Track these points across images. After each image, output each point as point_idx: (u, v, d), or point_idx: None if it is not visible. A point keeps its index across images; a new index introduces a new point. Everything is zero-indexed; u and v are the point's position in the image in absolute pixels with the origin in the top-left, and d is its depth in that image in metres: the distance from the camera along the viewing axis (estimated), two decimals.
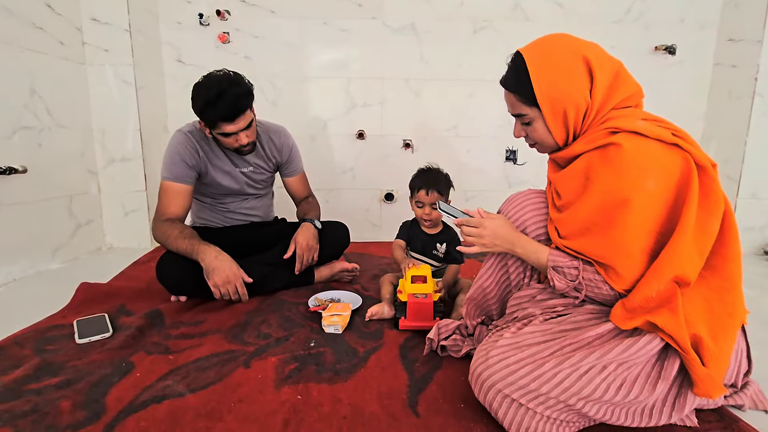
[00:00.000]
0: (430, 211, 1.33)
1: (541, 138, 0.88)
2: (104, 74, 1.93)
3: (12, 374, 0.93)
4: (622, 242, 0.75)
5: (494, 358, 0.79)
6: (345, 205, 2.34)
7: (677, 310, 0.71)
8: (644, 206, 0.73)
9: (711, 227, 0.74)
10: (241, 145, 1.35)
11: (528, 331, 0.84)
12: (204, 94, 1.25)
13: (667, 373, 0.73)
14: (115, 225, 2.06)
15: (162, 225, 1.32)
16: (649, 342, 0.73)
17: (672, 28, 2.21)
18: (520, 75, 0.84)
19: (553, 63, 0.81)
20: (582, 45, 0.82)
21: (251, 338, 1.13)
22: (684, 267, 0.72)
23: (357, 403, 0.85)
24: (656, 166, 0.73)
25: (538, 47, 0.84)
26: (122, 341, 1.07)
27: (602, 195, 0.76)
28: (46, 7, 1.70)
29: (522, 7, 2.19)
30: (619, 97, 0.81)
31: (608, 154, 0.76)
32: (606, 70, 0.80)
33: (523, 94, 0.84)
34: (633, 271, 0.75)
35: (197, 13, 2.12)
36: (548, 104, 0.82)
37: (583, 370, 0.73)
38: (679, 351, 0.71)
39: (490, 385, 0.76)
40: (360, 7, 2.17)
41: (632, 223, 0.73)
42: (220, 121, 1.28)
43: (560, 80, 0.80)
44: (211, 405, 0.84)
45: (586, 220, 0.79)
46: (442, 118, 2.30)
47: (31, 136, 1.64)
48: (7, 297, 1.43)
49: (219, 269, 1.23)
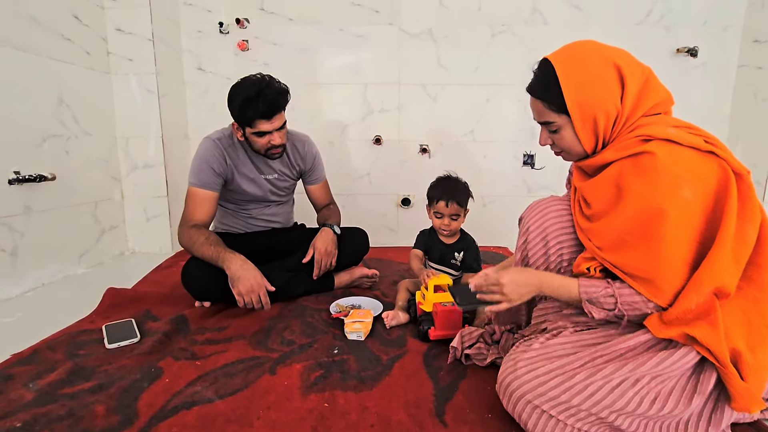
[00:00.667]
0: (449, 222, 1.33)
1: (569, 146, 0.86)
2: (128, 83, 1.98)
3: (47, 378, 0.95)
4: (663, 254, 0.72)
5: (523, 368, 0.78)
6: (362, 210, 2.35)
7: (717, 324, 0.69)
8: (681, 216, 0.71)
9: (748, 236, 0.72)
10: (274, 145, 1.37)
11: (557, 342, 0.82)
12: (244, 92, 1.29)
13: (704, 387, 0.71)
14: (137, 230, 2.11)
15: (188, 231, 1.35)
16: (685, 355, 0.71)
17: (694, 30, 2.17)
18: (548, 81, 0.82)
19: (583, 69, 0.80)
20: (612, 51, 0.81)
21: (275, 344, 1.14)
22: (724, 278, 0.70)
23: (384, 412, 0.85)
24: (690, 174, 0.71)
25: (567, 53, 0.83)
26: (150, 346, 1.09)
27: (637, 205, 0.74)
28: (74, 18, 1.75)
29: (540, 11, 2.17)
30: (649, 103, 0.80)
31: (641, 163, 0.75)
32: (636, 76, 0.79)
33: (551, 101, 0.83)
34: (674, 283, 0.73)
35: (217, 22, 2.16)
36: (578, 111, 0.80)
37: (615, 382, 0.72)
38: (717, 365, 0.70)
39: (520, 396, 0.76)
40: (377, 13, 2.18)
41: (671, 235, 0.71)
42: (258, 119, 1.31)
43: (591, 86, 0.79)
44: (239, 411, 0.85)
45: (622, 231, 0.77)
46: (459, 123, 2.29)
47: (59, 144, 1.68)
48: (37, 301, 1.47)
49: (244, 278, 1.24)
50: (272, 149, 1.40)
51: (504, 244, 2.27)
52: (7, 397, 0.89)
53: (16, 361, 1.03)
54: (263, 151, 1.41)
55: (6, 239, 1.46)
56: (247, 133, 1.36)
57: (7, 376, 0.97)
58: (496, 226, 2.26)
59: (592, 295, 0.79)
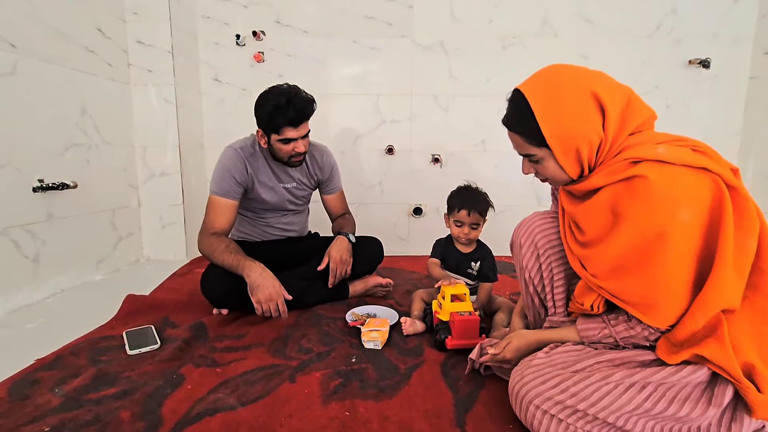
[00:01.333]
0: (469, 231, 1.34)
1: (553, 175, 0.84)
2: (147, 93, 2.02)
3: (72, 383, 0.97)
4: (664, 280, 0.72)
5: (530, 375, 0.80)
6: (374, 219, 2.37)
7: (724, 340, 0.69)
8: (681, 239, 0.70)
9: (749, 247, 0.71)
10: (298, 152, 1.41)
11: (562, 350, 0.84)
12: (274, 100, 1.33)
13: (719, 400, 0.70)
14: (153, 238, 2.14)
15: (209, 238, 1.37)
16: (694, 372, 0.71)
17: (705, 42, 2.19)
18: (523, 115, 0.80)
19: (559, 101, 0.76)
20: (588, 77, 0.78)
21: (293, 353, 1.15)
22: (729, 298, 0.70)
23: (405, 421, 0.86)
24: (687, 195, 0.70)
25: (540, 84, 0.79)
26: (171, 353, 1.11)
27: (635, 231, 0.73)
28: (97, 31, 1.81)
29: (551, 23, 2.20)
30: (633, 124, 0.78)
31: (635, 187, 0.72)
32: (617, 100, 0.76)
33: (529, 134, 0.80)
34: (676, 307, 0.73)
35: (234, 35, 2.21)
36: (559, 144, 0.78)
37: (621, 389, 0.72)
38: (731, 380, 0.69)
39: (529, 401, 0.77)
40: (390, 26, 2.22)
41: (671, 259, 0.70)
42: (286, 126, 1.35)
43: (570, 119, 0.76)
44: (262, 419, 0.86)
45: (619, 257, 0.75)
46: (470, 134, 2.32)
47: (80, 153, 1.72)
48: (57, 307, 1.49)
49: (263, 286, 1.26)
50: (295, 156, 1.43)
51: None
52: (34, 401, 0.90)
53: (41, 367, 1.05)
54: (286, 158, 1.44)
55: (29, 246, 1.49)
56: (272, 140, 1.39)
57: (33, 381, 0.99)
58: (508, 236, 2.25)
59: (591, 338, 0.83)
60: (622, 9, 2.18)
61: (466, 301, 1.21)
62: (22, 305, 1.47)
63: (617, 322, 0.80)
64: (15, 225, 1.44)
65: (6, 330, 1.29)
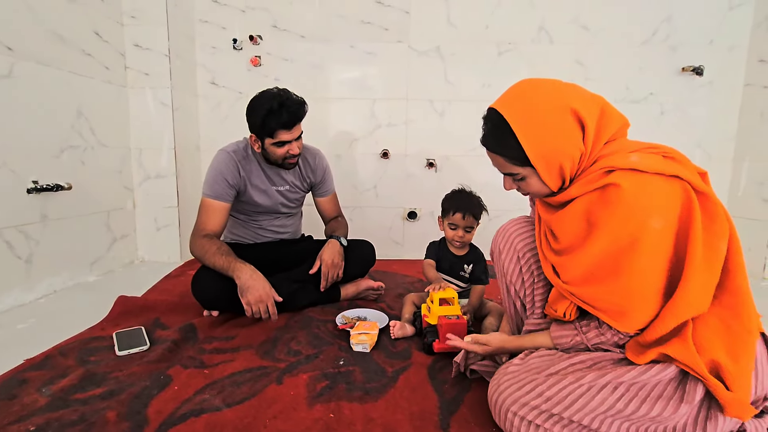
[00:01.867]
0: (463, 234, 1.35)
1: (536, 191, 0.85)
2: (144, 96, 2.04)
3: (59, 383, 0.97)
4: (635, 287, 0.73)
5: (505, 383, 0.81)
6: (368, 222, 2.37)
7: (687, 339, 0.70)
8: (653, 246, 0.71)
9: (720, 249, 0.72)
10: (292, 154, 1.43)
11: (536, 355, 0.86)
12: (266, 104, 1.35)
13: (690, 397, 0.71)
14: (147, 239, 2.14)
15: (200, 240, 1.38)
16: (664, 369, 0.73)
17: (700, 49, 2.20)
18: (503, 135, 0.79)
19: (540, 122, 0.76)
20: (563, 93, 0.77)
21: (282, 355, 1.16)
22: (698, 304, 0.71)
23: (389, 423, 0.86)
24: (659, 203, 0.71)
25: (517, 103, 0.79)
26: (159, 354, 1.11)
27: (608, 239, 0.74)
28: (94, 34, 1.82)
29: (547, 30, 2.22)
30: (608, 134, 0.79)
31: (608, 197, 0.73)
32: (593, 113, 0.77)
33: (511, 155, 0.80)
34: (647, 313, 0.74)
35: (231, 38, 2.22)
36: (543, 163, 0.78)
37: (594, 390, 0.73)
38: (699, 377, 0.70)
39: (506, 409, 0.78)
40: (386, 31, 2.24)
41: (643, 266, 0.71)
42: (279, 129, 1.36)
43: (552, 138, 0.76)
44: (247, 420, 0.86)
45: (592, 265, 0.76)
46: (465, 139, 2.32)
47: (76, 155, 1.73)
48: (49, 307, 1.50)
49: (253, 288, 1.27)
50: (289, 158, 1.44)
51: None
52: (21, 401, 0.91)
53: (29, 366, 1.05)
54: (280, 161, 1.45)
55: (23, 247, 1.50)
56: (266, 144, 1.40)
57: (21, 380, 0.99)
58: None
59: (564, 345, 0.85)
60: (618, 16, 2.20)
61: (455, 305, 1.21)
62: (14, 305, 1.47)
63: (589, 328, 0.82)
64: (8, 226, 1.44)
65: None
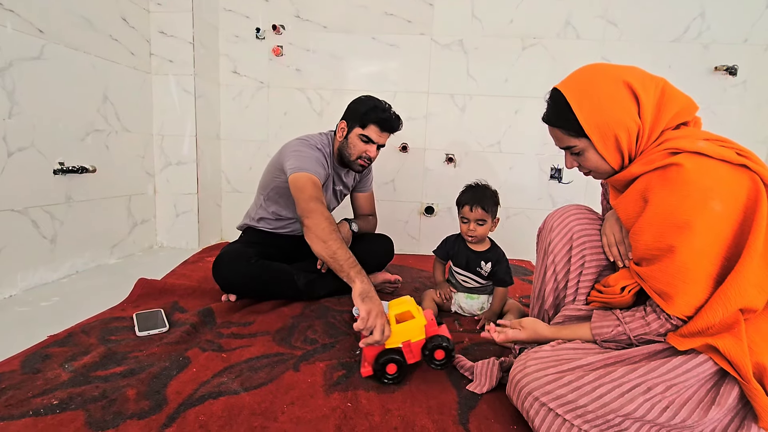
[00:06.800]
0: (475, 227, 1.32)
1: (595, 166, 0.85)
2: (167, 83, 2.06)
3: (81, 360, 0.99)
4: (686, 268, 0.71)
5: (533, 366, 0.80)
6: (384, 216, 2.35)
7: (741, 336, 0.67)
8: (709, 229, 0.69)
9: None
10: (368, 156, 1.47)
11: (569, 346, 0.84)
12: (376, 102, 1.44)
13: (723, 399, 0.68)
14: (166, 225, 2.17)
15: (322, 207, 1.23)
16: (700, 364, 0.70)
17: (733, 48, 2.12)
18: (561, 109, 0.82)
19: (594, 92, 0.79)
20: (620, 70, 0.80)
21: (298, 342, 1.15)
22: (751, 295, 0.68)
23: (407, 416, 0.85)
24: (721, 187, 0.69)
25: (575, 79, 0.83)
26: (178, 336, 1.12)
27: (661, 217, 0.73)
28: (122, 20, 1.84)
29: (573, 25, 2.17)
30: (670, 112, 0.78)
31: (668, 174, 0.73)
32: (650, 89, 0.78)
33: (568, 126, 0.82)
34: (697, 297, 0.72)
35: (255, 28, 2.23)
36: (597, 132, 0.79)
37: (626, 387, 0.71)
38: (739, 380, 0.68)
39: (528, 392, 0.77)
40: (409, 23, 2.21)
41: (697, 248, 0.70)
42: (375, 124, 1.42)
43: (605, 106, 0.78)
44: (264, 405, 0.86)
45: (647, 244, 0.76)
46: (486, 134, 2.29)
47: (100, 139, 1.76)
48: (72, 287, 1.53)
49: (376, 299, 1.04)
50: (362, 159, 1.47)
51: (527, 258, 2.24)
52: (44, 375, 0.92)
53: (53, 343, 1.07)
54: (353, 158, 1.47)
55: (48, 227, 1.53)
56: (353, 133, 1.43)
57: (45, 356, 1.01)
58: (520, 239, 2.24)
59: (604, 336, 0.82)
60: (648, 12, 2.13)
61: (417, 317, 1.02)
62: (39, 284, 1.50)
63: (633, 318, 0.80)
64: (35, 205, 1.47)
65: (22, 306, 1.32)
